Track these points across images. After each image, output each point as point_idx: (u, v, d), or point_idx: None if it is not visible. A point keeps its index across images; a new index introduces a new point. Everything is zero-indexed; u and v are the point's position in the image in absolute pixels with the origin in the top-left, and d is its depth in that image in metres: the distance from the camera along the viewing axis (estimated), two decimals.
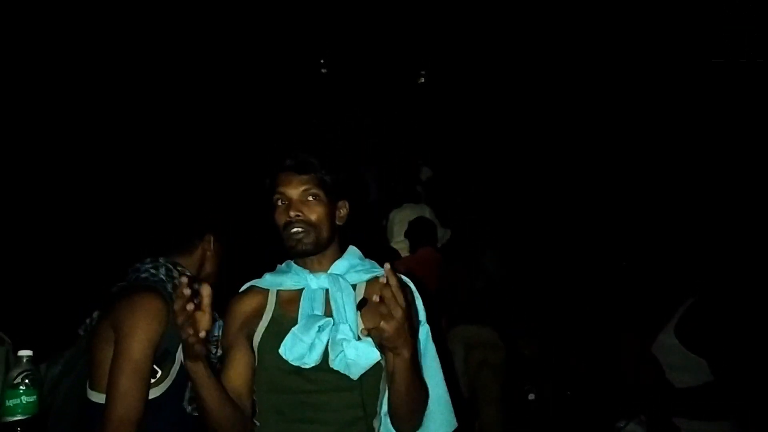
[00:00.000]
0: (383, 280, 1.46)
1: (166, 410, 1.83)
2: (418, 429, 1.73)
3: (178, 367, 1.84)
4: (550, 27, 5.59)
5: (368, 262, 1.86)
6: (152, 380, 1.79)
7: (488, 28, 6.93)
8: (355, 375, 1.64)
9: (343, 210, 1.86)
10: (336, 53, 8.80)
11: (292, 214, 1.74)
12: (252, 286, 1.86)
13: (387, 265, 1.48)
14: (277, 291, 1.80)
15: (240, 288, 1.89)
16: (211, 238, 2.06)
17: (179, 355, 1.83)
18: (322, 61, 9.14)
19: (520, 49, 6.52)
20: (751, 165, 3.76)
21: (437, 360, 1.81)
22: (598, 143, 5.56)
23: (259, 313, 1.77)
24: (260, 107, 7.58)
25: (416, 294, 1.82)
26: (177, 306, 1.47)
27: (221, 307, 1.85)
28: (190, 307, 1.45)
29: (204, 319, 1.52)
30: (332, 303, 1.72)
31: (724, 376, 2.18)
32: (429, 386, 1.76)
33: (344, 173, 1.89)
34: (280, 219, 1.76)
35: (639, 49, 4.33)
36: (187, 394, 1.86)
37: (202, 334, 1.50)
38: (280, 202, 1.77)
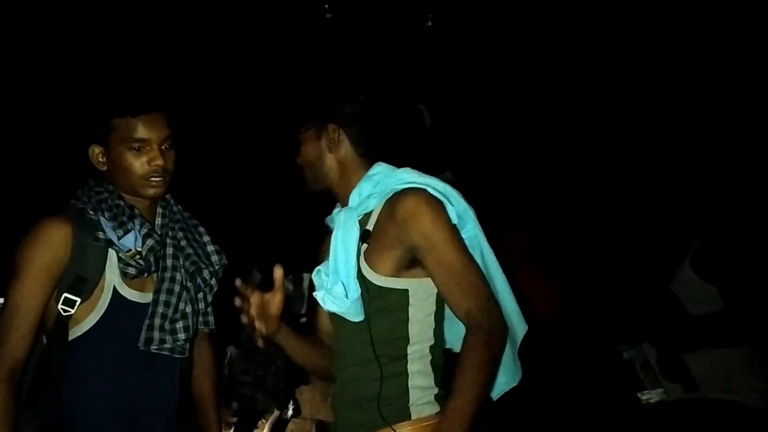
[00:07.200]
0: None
1: (103, 346, 1.67)
2: None
3: (109, 298, 1.67)
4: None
5: (382, 183, 1.64)
6: (71, 310, 1.62)
7: None
8: (353, 318, 1.59)
9: (333, 134, 1.67)
10: None
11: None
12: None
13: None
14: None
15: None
16: (95, 150, 1.76)
17: (110, 285, 1.67)
18: (326, 5, 8.95)
19: None
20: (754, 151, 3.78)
21: (496, 262, 1.67)
22: (614, 91, 5.51)
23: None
24: (262, 54, 7.50)
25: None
26: (243, 308, 1.53)
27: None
28: (251, 309, 1.53)
29: (275, 300, 1.55)
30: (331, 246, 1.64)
31: (734, 302, 2.17)
32: (497, 292, 1.63)
33: (322, 94, 1.72)
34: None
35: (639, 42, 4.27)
36: (156, 334, 1.67)
37: (274, 312, 1.54)
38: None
